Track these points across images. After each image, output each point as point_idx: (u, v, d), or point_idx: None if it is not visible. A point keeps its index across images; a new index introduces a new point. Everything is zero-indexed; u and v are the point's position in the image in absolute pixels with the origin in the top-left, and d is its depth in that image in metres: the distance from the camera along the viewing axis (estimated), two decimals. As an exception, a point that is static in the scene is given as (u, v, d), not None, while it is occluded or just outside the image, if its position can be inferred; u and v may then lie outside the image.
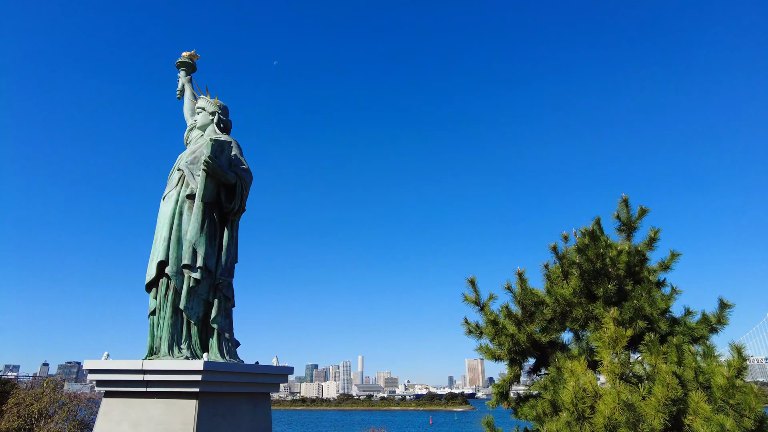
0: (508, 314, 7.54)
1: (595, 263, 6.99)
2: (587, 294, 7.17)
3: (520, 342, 7.15)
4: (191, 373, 9.01)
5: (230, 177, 11.44)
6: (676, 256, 7.80)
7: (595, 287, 7.01)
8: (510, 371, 7.74)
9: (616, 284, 6.91)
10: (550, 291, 7.34)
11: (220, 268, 11.11)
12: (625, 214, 8.30)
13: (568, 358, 6.91)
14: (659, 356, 5.47)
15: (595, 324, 6.90)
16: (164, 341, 10.11)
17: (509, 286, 7.64)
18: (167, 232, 10.86)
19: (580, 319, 7.16)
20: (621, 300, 6.92)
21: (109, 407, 9.29)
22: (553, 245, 7.99)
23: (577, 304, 7.09)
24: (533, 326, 7.28)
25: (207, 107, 12.80)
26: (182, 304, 10.34)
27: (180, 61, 14.50)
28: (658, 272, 7.72)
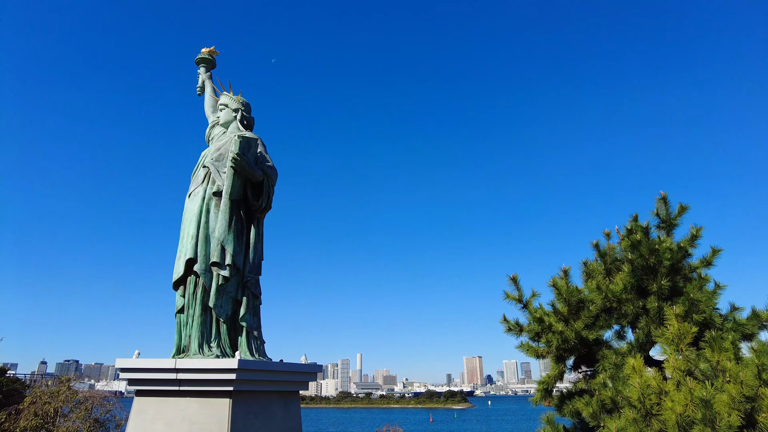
0: (555, 311, 7.47)
1: (648, 259, 6.93)
2: (638, 290, 7.11)
3: (568, 339, 7.09)
4: (225, 371, 8.93)
5: (257, 174, 11.34)
6: (718, 252, 7.74)
7: (647, 283, 6.95)
8: (554, 368, 7.68)
9: (669, 280, 6.86)
10: (600, 287, 7.27)
11: (248, 265, 11.02)
12: (664, 211, 8.24)
13: (616, 354, 6.86)
14: (722, 353, 5.40)
15: (647, 320, 6.85)
16: (194, 339, 10.02)
17: (555, 283, 7.57)
18: (195, 229, 10.75)
19: (630, 315, 7.11)
20: (673, 296, 6.87)
21: (142, 406, 9.21)
22: (596, 242, 7.93)
23: (627, 301, 7.03)
24: (580, 323, 7.21)
25: (230, 104, 12.67)
26: (211, 302, 10.25)
27: (200, 58, 14.37)
28: (700, 268, 7.66)
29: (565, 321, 7.30)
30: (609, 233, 7.90)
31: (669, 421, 4.95)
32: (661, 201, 8.36)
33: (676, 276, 7.14)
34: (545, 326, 7.36)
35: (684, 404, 4.89)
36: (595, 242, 7.94)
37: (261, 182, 11.49)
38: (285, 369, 9.98)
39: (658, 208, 8.27)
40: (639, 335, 6.99)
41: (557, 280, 7.56)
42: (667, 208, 8.25)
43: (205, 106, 13.85)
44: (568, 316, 7.33)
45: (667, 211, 8.24)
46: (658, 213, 8.23)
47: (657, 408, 5.22)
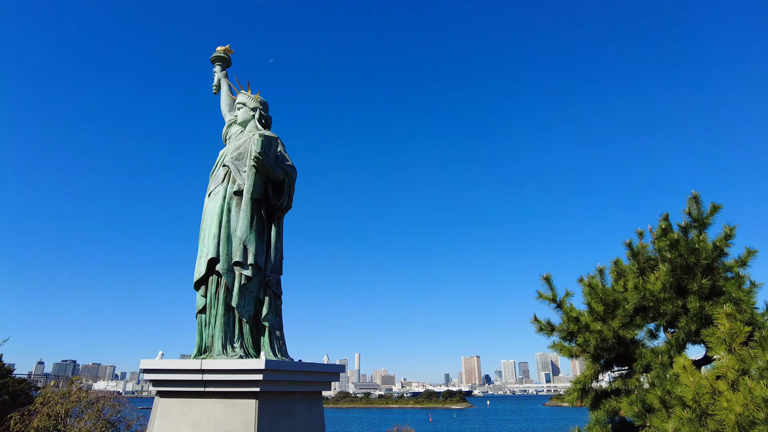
0: (591, 310, 7.41)
1: (687, 258, 6.88)
2: (677, 289, 7.05)
3: (607, 338, 7.04)
4: (252, 372, 8.84)
5: (278, 173, 11.25)
6: (753, 253, 7.70)
7: (686, 282, 6.90)
8: (590, 368, 7.62)
9: (710, 279, 6.81)
10: (637, 286, 7.22)
11: (269, 265, 10.93)
12: (696, 210, 8.19)
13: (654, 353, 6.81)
14: (774, 353, 5.35)
15: (687, 319, 6.80)
16: (217, 340, 9.92)
17: (590, 283, 7.52)
18: (216, 228, 10.65)
19: (668, 314, 7.06)
20: (712, 295, 6.83)
21: (167, 407, 9.11)
22: (629, 241, 7.87)
23: (667, 300, 6.98)
24: (617, 322, 7.16)
25: (248, 103, 12.57)
26: (234, 301, 10.16)
27: (215, 56, 14.27)
28: (735, 268, 7.62)
29: (601, 320, 7.25)
30: (642, 232, 7.85)
31: (728, 422, 4.89)
32: (693, 200, 8.31)
33: (713, 275, 7.10)
34: (581, 326, 7.30)
35: (743, 404, 4.84)
36: (628, 241, 7.88)
37: (281, 181, 11.40)
38: (309, 369, 9.90)
39: (690, 207, 8.21)
40: (679, 334, 6.94)
41: (592, 279, 7.51)
42: (698, 207, 8.20)
43: (221, 104, 13.74)
44: (604, 316, 7.28)
45: (699, 210, 8.18)
46: (690, 212, 8.17)
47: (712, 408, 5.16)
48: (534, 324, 8.37)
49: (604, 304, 7.30)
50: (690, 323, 6.74)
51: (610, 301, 7.29)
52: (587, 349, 7.21)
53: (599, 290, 7.40)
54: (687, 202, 8.46)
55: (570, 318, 7.49)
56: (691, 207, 8.28)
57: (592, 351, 7.21)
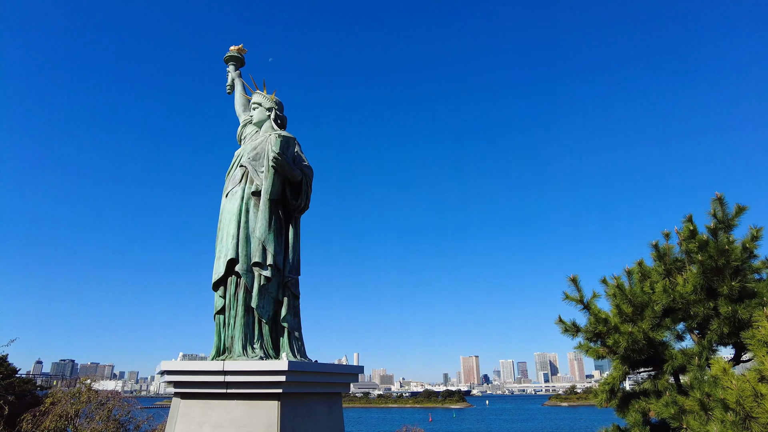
0: (620, 312, 7.40)
1: (717, 260, 6.86)
2: (707, 291, 7.04)
3: (638, 340, 7.02)
4: (275, 373, 8.80)
5: (296, 174, 11.22)
6: (781, 254, 7.69)
7: (717, 284, 6.88)
8: (619, 369, 7.60)
9: (739, 281, 6.80)
10: (666, 288, 7.20)
11: (288, 265, 10.89)
12: (720, 212, 8.17)
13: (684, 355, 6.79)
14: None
15: (719, 321, 6.78)
16: (237, 341, 9.88)
17: (619, 285, 7.50)
18: (235, 229, 10.61)
19: (699, 316, 7.04)
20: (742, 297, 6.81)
21: (188, 409, 9.06)
22: (655, 242, 7.85)
23: (698, 302, 6.96)
24: (646, 323, 7.14)
25: (264, 103, 12.52)
26: (254, 302, 10.12)
27: (228, 56, 14.21)
28: (762, 270, 7.61)
29: (630, 322, 7.23)
30: (668, 234, 7.84)
31: (776, 425, 4.90)
32: (717, 201, 8.29)
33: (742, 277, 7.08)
34: (611, 327, 7.28)
35: (790, 406, 4.84)
36: (654, 242, 7.87)
37: (299, 182, 11.37)
38: (330, 370, 9.87)
39: (715, 208, 8.19)
40: (711, 336, 6.92)
41: (617, 280, 7.49)
42: (723, 208, 8.18)
43: (235, 104, 13.70)
44: (633, 317, 7.26)
45: (723, 211, 8.17)
46: (715, 213, 8.15)
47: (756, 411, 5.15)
48: (559, 325, 8.35)
49: (632, 305, 7.29)
50: (722, 325, 6.73)
51: (639, 303, 7.28)
52: (617, 351, 7.19)
53: (627, 292, 7.39)
54: (711, 204, 8.44)
55: (599, 319, 7.46)
56: (715, 208, 8.26)
57: (622, 352, 7.18)
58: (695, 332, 7.53)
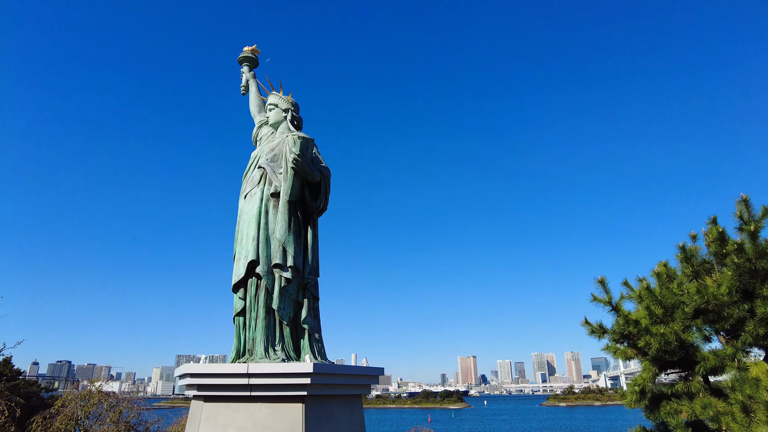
0: (650, 313, 7.40)
1: (755, 262, 6.86)
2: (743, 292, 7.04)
3: (670, 341, 7.02)
4: (300, 376, 8.75)
5: (315, 175, 11.19)
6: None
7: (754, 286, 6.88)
8: (649, 370, 7.60)
9: (776, 284, 6.82)
10: (700, 290, 7.20)
11: (307, 267, 10.85)
12: (746, 213, 8.17)
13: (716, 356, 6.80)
14: None
15: (754, 323, 6.79)
16: (259, 343, 9.85)
17: (648, 287, 7.50)
18: (255, 231, 10.58)
19: (733, 318, 7.04)
20: (776, 300, 6.83)
21: (212, 412, 9.01)
22: (682, 244, 7.86)
23: (732, 303, 6.96)
24: (678, 325, 7.14)
25: (280, 104, 12.47)
26: (275, 304, 10.08)
27: (243, 56, 14.16)
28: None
29: (660, 323, 7.24)
30: (695, 235, 7.85)
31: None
32: (743, 203, 8.29)
33: (775, 279, 7.09)
34: (641, 328, 7.28)
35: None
36: (681, 244, 7.88)
37: (318, 183, 11.34)
38: (353, 372, 9.84)
39: (740, 210, 8.20)
40: (746, 338, 6.93)
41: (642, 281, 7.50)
42: (749, 210, 8.18)
43: (250, 105, 13.64)
44: (663, 319, 7.27)
45: (749, 213, 8.17)
46: (741, 215, 8.16)
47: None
48: (585, 327, 8.35)
49: (663, 307, 7.30)
50: (757, 327, 6.74)
51: (669, 305, 7.29)
52: (648, 352, 7.19)
53: (657, 293, 7.39)
54: (737, 205, 8.44)
55: (629, 321, 7.47)
56: (741, 210, 8.26)
57: (654, 354, 7.18)
58: (722, 334, 7.54)
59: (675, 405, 7.04)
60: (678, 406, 6.93)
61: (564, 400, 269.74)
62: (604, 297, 7.86)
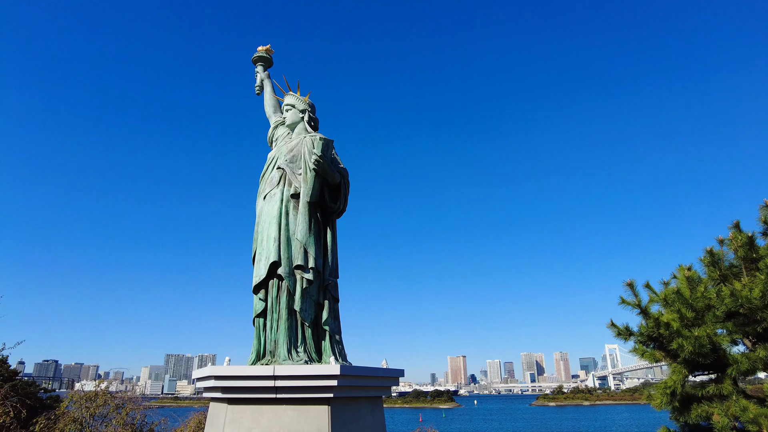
0: (681, 316, 7.48)
1: (790, 267, 6.99)
2: (774, 298, 7.16)
3: (703, 344, 7.10)
4: (326, 378, 8.73)
5: (336, 176, 11.16)
6: None
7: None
8: (680, 372, 7.68)
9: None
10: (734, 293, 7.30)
11: (327, 268, 10.82)
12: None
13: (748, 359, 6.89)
14: None
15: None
16: (282, 345, 9.80)
17: (678, 290, 7.58)
18: (276, 231, 10.53)
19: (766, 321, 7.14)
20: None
21: (237, 414, 8.95)
22: (710, 249, 7.96)
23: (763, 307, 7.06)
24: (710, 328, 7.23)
25: (297, 104, 12.41)
26: (297, 305, 10.05)
27: (257, 56, 14.07)
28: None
29: (691, 326, 7.33)
30: (723, 240, 7.96)
31: None
32: (766, 208, 8.42)
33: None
34: (673, 331, 7.36)
35: None
36: (709, 248, 7.98)
37: (338, 184, 11.31)
38: (377, 374, 9.83)
39: (765, 215, 8.32)
40: (781, 343, 7.06)
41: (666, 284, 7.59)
42: (773, 215, 8.30)
43: (265, 105, 13.56)
44: (694, 322, 7.36)
45: (773, 218, 8.29)
46: (766, 220, 8.28)
47: None
48: (611, 329, 8.43)
49: (694, 310, 7.39)
50: (791, 331, 6.87)
51: (700, 308, 7.39)
52: (682, 354, 7.27)
53: (688, 296, 7.48)
54: (760, 211, 8.58)
55: (659, 323, 7.55)
56: (765, 215, 8.39)
57: (687, 356, 7.27)
58: (749, 337, 7.66)
59: (706, 407, 7.13)
60: (710, 409, 7.02)
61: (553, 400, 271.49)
62: (633, 300, 7.94)
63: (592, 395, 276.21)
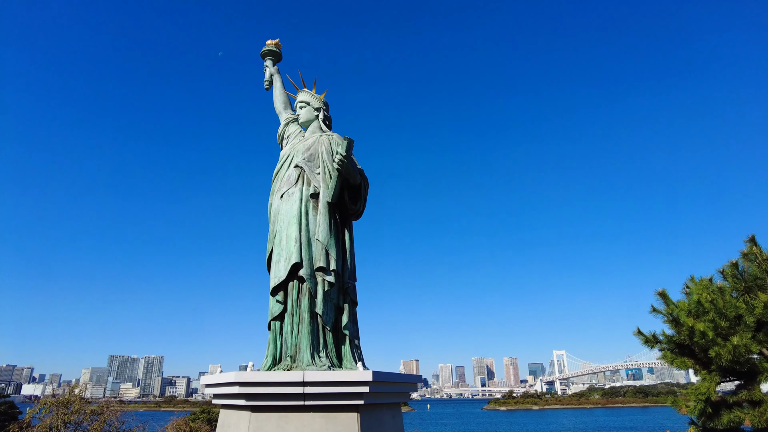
0: (715, 326, 7.76)
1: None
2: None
3: (741, 353, 7.38)
4: (358, 384, 8.49)
5: (357, 177, 10.93)
6: None
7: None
8: (713, 380, 7.94)
9: None
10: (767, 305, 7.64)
11: (347, 271, 10.57)
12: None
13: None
14: None
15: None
16: (305, 349, 9.47)
17: (712, 301, 7.86)
18: (297, 232, 10.18)
19: (799, 331, 7.52)
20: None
21: (261, 423, 8.55)
22: (735, 261, 8.31)
23: (797, 318, 7.45)
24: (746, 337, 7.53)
25: (312, 102, 12.10)
26: (319, 308, 9.74)
27: (266, 50, 13.65)
28: None
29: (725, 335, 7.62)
30: (747, 252, 8.32)
31: None
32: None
33: None
34: (708, 339, 7.62)
35: None
36: (735, 261, 8.34)
37: (358, 185, 11.08)
38: (402, 380, 9.66)
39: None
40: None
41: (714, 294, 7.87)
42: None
43: (274, 101, 13.16)
44: (727, 331, 7.65)
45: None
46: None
47: None
48: (638, 337, 8.66)
49: (727, 319, 7.69)
50: (823, 341, 7.26)
51: (732, 317, 7.70)
52: (719, 362, 7.55)
53: (721, 306, 7.78)
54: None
55: (695, 332, 7.80)
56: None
57: (724, 364, 7.55)
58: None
59: (738, 413, 7.43)
60: (741, 414, 7.31)
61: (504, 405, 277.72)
62: (665, 309, 8.20)
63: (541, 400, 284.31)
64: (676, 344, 8.26)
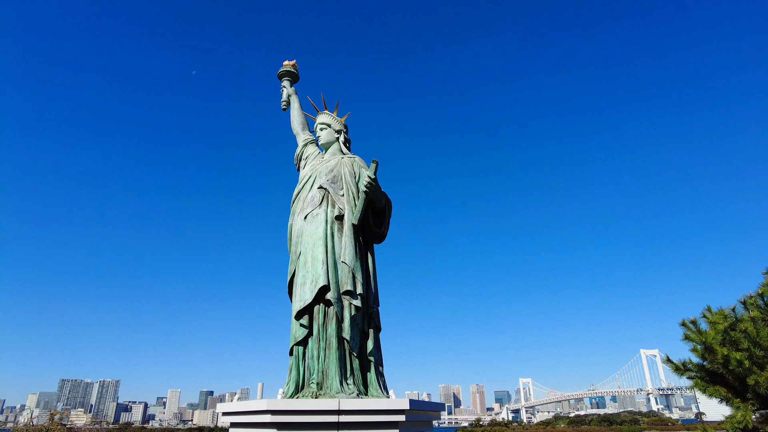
0: (751, 355, 7.94)
1: None
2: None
3: (779, 381, 7.55)
4: (395, 413, 8.29)
5: (382, 200, 10.88)
6: None
7: None
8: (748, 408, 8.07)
9: None
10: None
11: (371, 295, 10.41)
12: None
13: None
14: None
15: None
16: (333, 376, 9.18)
17: (745, 330, 8.06)
18: (323, 254, 9.99)
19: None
20: None
21: (292, 452, 8.18)
22: (760, 292, 8.59)
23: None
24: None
25: (333, 124, 12.10)
26: (346, 333, 9.50)
27: (283, 71, 13.65)
28: None
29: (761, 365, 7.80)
30: None
31: None
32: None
33: None
34: (745, 368, 7.79)
35: None
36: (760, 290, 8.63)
37: (382, 208, 11.02)
38: (430, 408, 9.45)
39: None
40: None
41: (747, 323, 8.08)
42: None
43: (292, 122, 13.08)
44: (763, 360, 7.85)
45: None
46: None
47: None
48: (668, 365, 8.79)
49: (762, 349, 7.90)
50: None
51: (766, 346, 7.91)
52: (758, 390, 7.70)
53: (755, 335, 7.99)
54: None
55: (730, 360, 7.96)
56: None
57: (763, 392, 7.70)
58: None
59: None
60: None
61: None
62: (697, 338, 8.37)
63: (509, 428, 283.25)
64: (707, 372, 8.42)
